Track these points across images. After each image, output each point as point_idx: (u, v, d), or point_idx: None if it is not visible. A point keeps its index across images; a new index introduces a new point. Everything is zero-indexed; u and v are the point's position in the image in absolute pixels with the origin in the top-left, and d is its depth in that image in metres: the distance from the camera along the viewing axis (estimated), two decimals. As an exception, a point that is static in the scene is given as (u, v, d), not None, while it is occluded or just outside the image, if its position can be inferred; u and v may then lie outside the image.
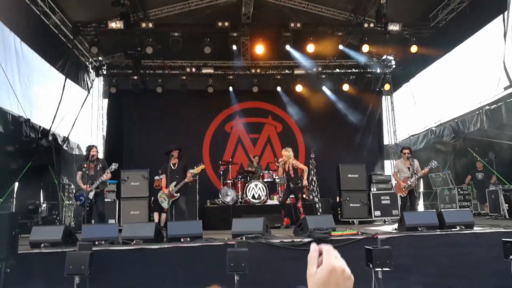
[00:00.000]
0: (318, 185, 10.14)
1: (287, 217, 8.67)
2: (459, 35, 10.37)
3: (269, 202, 10.12)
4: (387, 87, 13.95)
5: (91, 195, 7.25)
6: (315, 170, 10.26)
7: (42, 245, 5.39)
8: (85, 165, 7.42)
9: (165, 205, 7.87)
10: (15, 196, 9.53)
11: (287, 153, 8.64)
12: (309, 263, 1.00)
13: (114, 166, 7.50)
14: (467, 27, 10.06)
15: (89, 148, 7.75)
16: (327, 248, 1.01)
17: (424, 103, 12.47)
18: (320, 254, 1.00)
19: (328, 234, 5.64)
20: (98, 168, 7.44)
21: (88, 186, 7.22)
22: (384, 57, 13.55)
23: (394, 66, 13.67)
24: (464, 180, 10.95)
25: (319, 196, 10.06)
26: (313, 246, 1.02)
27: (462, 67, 10.42)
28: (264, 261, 4.61)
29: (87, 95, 12.62)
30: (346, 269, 0.97)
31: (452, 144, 11.19)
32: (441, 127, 11.42)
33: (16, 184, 9.53)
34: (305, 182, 8.65)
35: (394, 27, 10.44)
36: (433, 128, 11.88)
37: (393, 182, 8.98)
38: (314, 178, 10.17)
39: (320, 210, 9.66)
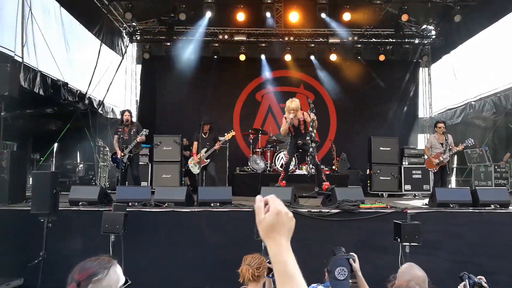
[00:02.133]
0: (347, 157, 10.04)
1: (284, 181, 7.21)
2: (508, 3, 9.69)
3: (298, 172, 10.10)
4: (425, 58, 13.39)
5: (125, 159, 7.49)
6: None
7: (80, 203, 5.69)
8: (120, 129, 7.65)
9: (195, 170, 8.06)
10: (54, 156, 10.04)
11: (297, 104, 6.73)
12: (257, 213, 1.12)
13: (144, 132, 7.57)
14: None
15: (122, 113, 8.03)
16: (271, 197, 1.13)
17: (464, 76, 11.88)
18: (266, 204, 1.12)
19: (357, 206, 5.62)
20: (132, 132, 7.63)
21: (121, 150, 7.46)
22: (424, 26, 12.91)
23: (434, 37, 13.03)
24: (502, 158, 10.55)
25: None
26: (259, 197, 1.14)
27: (509, 39, 9.81)
28: (291, 230, 4.69)
29: (121, 60, 12.83)
30: (289, 212, 1.13)
31: (492, 119, 10.71)
32: (482, 102, 10.91)
33: (56, 145, 10.01)
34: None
35: (437, -6, 9.88)
36: (473, 102, 11.37)
37: (425, 156, 8.77)
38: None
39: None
